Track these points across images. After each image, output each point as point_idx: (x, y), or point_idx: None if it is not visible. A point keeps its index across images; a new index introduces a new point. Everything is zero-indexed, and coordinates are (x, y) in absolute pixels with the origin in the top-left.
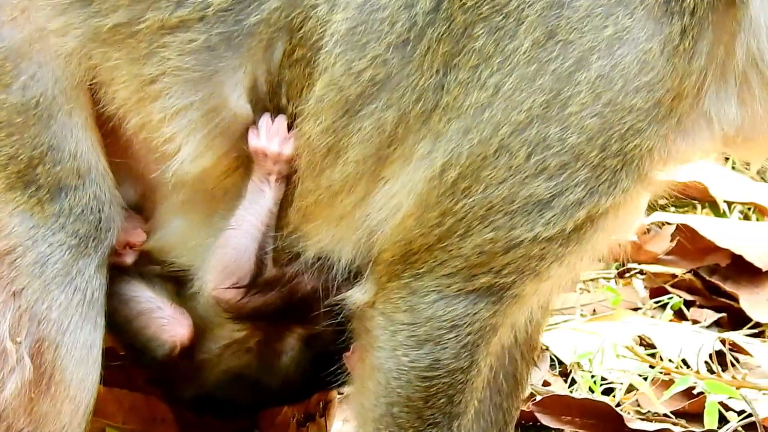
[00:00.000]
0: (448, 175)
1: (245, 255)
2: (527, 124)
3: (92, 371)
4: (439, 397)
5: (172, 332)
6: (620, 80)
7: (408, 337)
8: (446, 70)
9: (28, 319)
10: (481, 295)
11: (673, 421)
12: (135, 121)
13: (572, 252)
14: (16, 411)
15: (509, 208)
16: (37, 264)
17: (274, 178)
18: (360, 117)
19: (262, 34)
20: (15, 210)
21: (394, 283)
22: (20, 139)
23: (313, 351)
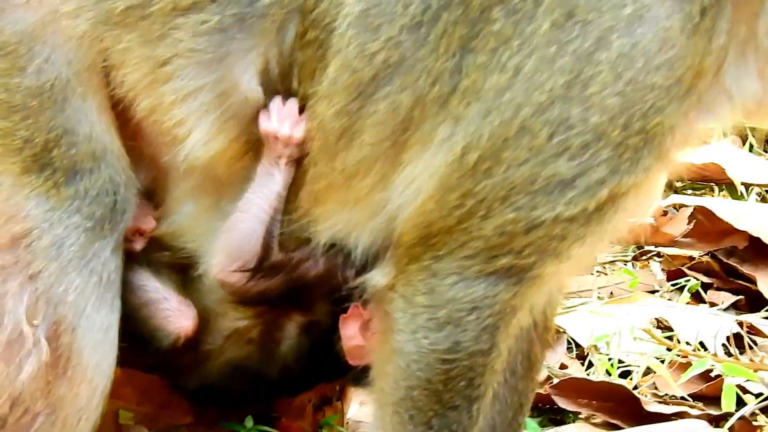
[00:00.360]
0: (469, 157)
1: (252, 238)
2: (549, 104)
3: (109, 354)
4: (458, 380)
5: (177, 324)
6: (641, 59)
7: (428, 319)
8: (463, 54)
9: (44, 302)
10: (502, 276)
11: (691, 403)
12: (146, 104)
13: (593, 232)
14: (33, 394)
15: (531, 188)
16: (53, 247)
17: (284, 161)
18: (374, 100)
19: (274, 16)
20: (31, 193)
21: (414, 266)
22: (35, 122)
23: (312, 339)
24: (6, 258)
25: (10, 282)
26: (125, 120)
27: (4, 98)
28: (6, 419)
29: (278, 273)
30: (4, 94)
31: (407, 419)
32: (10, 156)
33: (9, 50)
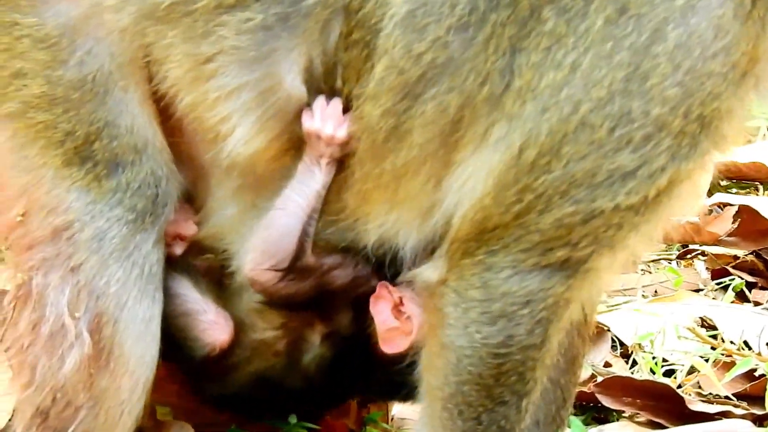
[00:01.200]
0: (527, 154)
1: (288, 237)
2: (609, 99)
3: (151, 346)
4: (510, 375)
5: (213, 336)
6: (698, 47)
7: (481, 313)
8: (513, 53)
9: (86, 295)
10: (556, 269)
11: (735, 403)
12: (188, 100)
13: (648, 220)
14: (76, 387)
15: (592, 181)
16: (94, 239)
17: (325, 161)
18: (422, 100)
19: (318, 15)
20: (72, 186)
21: (468, 260)
22: (77, 115)
23: (334, 350)
24: (47, 250)
25: (51, 274)
26: (167, 116)
27: (45, 90)
28: (48, 412)
29: (308, 277)
30: (46, 87)
31: (456, 414)
32: (51, 149)
33: (51, 42)
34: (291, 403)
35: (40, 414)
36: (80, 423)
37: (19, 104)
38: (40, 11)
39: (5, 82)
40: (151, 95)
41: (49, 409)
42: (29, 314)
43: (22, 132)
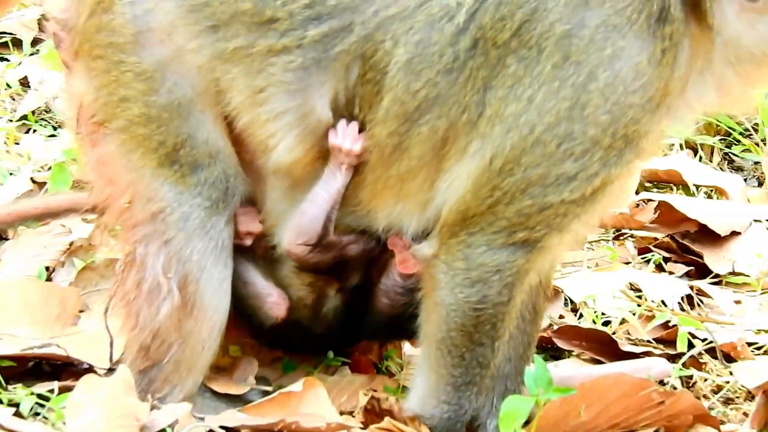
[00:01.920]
0: (496, 162)
1: (316, 221)
2: (556, 123)
3: (224, 300)
4: (485, 324)
5: (278, 312)
6: (621, 86)
7: (463, 279)
8: (485, 90)
9: (176, 261)
10: (519, 246)
11: (654, 345)
12: (245, 120)
13: (587, 211)
14: (168, 329)
15: (544, 182)
16: (181, 220)
17: (344, 167)
18: (418, 124)
19: (343, 60)
20: (165, 181)
21: (453, 240)
22: (167, 129)
23: (345, 300)
24: (147, 228)
25: (150, 246)
26: (231, 131)
27: (144, 111)
28: (149, 348)
29: (331, 250)
30: (144, 108)
31: (446, 353)
32: (148, 154)
33: (148, 75)
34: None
35: (143, 349)
36: (172, 356)
37: (125, 121)
38: (139, 52)
39: (115, 104)
40: (221, 116)
41: (149, 345)
42: (134, 275)
43: (127, 142)
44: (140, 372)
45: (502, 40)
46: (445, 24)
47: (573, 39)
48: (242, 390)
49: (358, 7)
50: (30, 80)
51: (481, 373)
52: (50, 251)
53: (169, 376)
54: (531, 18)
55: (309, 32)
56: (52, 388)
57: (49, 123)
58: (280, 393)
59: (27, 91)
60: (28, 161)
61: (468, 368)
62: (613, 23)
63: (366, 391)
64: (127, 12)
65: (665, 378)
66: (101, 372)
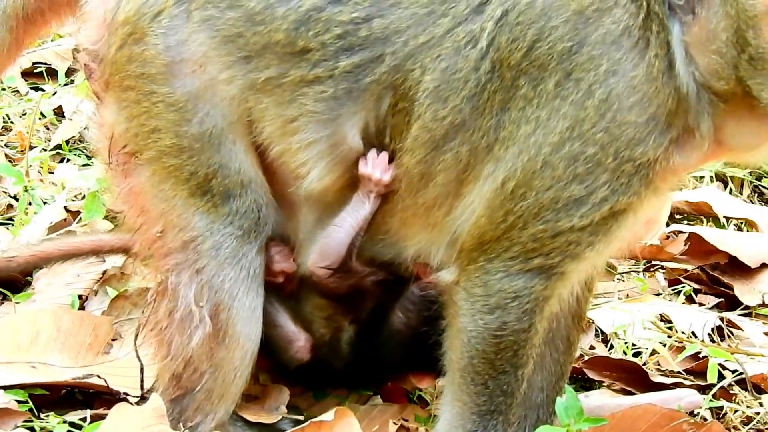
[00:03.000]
0: (508, 185)
1: (340, 246)
2: (560, 144)
3: (255, 327)
4: (507, 351)
5: (303, 356)
6: (616, 102)
7: (483, 305)
8: (501, 113)
9: (208, 289)
10: (536, 273)
11: (684, 377)
12: (277, 149)
13: (600, 240)
14: (200, 357)
15: (555, 206)
16: (213, 249)
17: (373, 195)
18: (443, 151)
19: (373, 90)
20: (196, 211)
21: (472, 266)
22: (198, 159)
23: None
24: (179, 257)
25: (182, 275)
26: (262, 160)
27: (175, 142)
28: (181, 376)
29: (351, 277)
30: (175, 139)
31: (469, 381)
32: (180, 184)
33: (180, 106)
34: (343, 379)
35: (175, 377)
36: (204, 384)
37: (156, 152)
38: (171, 83)
39: (145, 136)
40: (252, 145)
41: (181, 374)
42: (166, 304)
43: (159, 172)
44: (172, 401)
45: (515, 61)
46: (470, 50)
47: (574, 56)
48: (274, 419)
49: (388, 37)
50: (64, 110)
51: (506, 401)
52: (83, 280)
53: (201, 405)
54: (539, 37)
55: (341, 63)
56: (84, 416)
57: (83, 152)
58: (312, 422)
59: (61, 120)
60: (62, 190)
61: (492, 396)
62: (611, 38)
63: (396, 420)
64: (159, 43)
65: (696, 409)
66: (133, 400)
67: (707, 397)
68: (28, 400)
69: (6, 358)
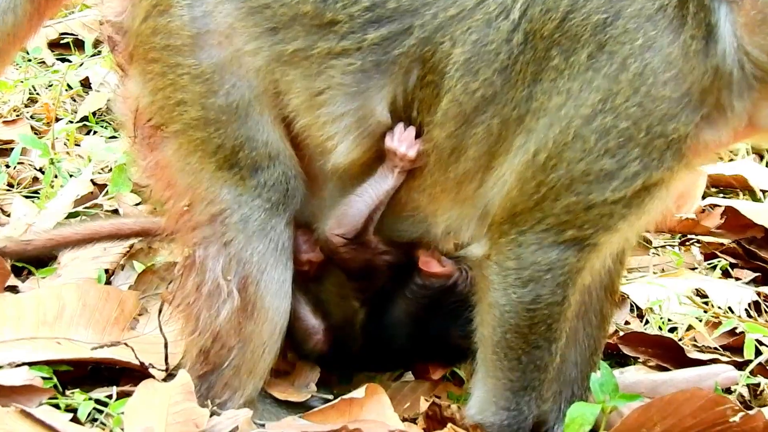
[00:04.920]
0: (540, 157)
1: (358, 216)
2: (592, 116)
3: (284, 301)
4: (540, 325)
5: (321, 347)
6: (651, 77)
7: (516, 279)
8: (533, 84)
9: (236, 262)
10: (569, 245)
11: (721, 352)
12: (304, 122)
13: (633, 213)
14: (228, 332)
15: (587, 179)
16: (241, 222)
17: (397, 170)
18: (474, 125)
19: (402, 63)
20: (224, 184)
21: (504, 239)
22: (225, 132)
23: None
24: (206, 231)
25: (210, 248)
26: (288, 133)
27: (201, 114)
28: (209, 352)
29: (365, 250)
30: (202, 111)
31: (503, 356)
32: (207, 157)
33: (206, 78)
34: (363, 363)
35: (203, 353)
36: (232, 359)
37: (182, 125)
38: (197, 54)
39: (171, 108)
40: (279, 117)
41: (209, 349)
42: (193, 278)
43: (185, 146)
44: (200, 377)
45: (548, 31)
46: (501, 22)
47: (608, 29)
48: (303, 397)
49: (417, 10)
50: (91, 81)
51: (539, 377)
52: (110, 254)
53: (229, 381)
54: (573, 8)
55: (369, 35)
56: (110, 393)
57: (110, 124)
58: (342, 399)
59: (88, 92)
60: (88, 163)
61: (525, 372)
62: (647, 13)
63: (428, 398)
64: (184, 14)
65: (732, 385)
66: (160, 377)
67: (744, 374)
68: (53, 376)
69: (31, 334)
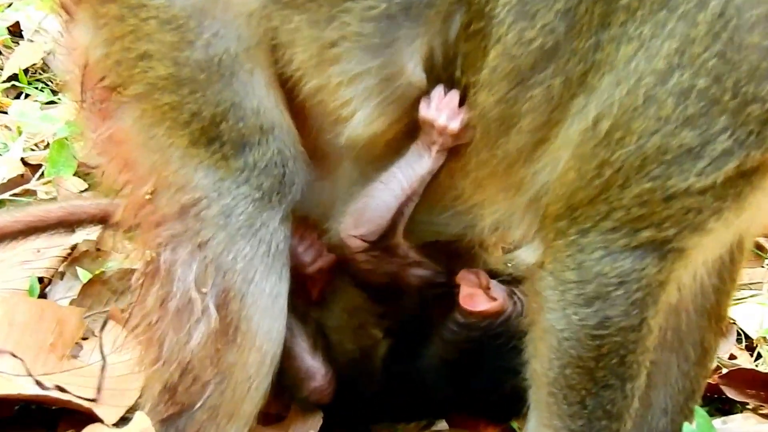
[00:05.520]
0: (602, 125)
1: (382, 211)
2: (668, 72)
3: (278, 321)
4: (610, 357)
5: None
6: (735, 16)
7: (577, 295)
8: (600, 30)
9: (213, 270)
10: (646, 250)
11: None
12: (312, 84)
13: (729, 207)
14: (203, 362)
15: (663, 158)
16: (222, 215)
17: (436, 148)
18: (530, 85)
19: (440, 6)
20: (200, 165)
21: (561, 241)
22: (203, 96)
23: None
24: (175, 227)
25: (179, 250)
26: (290, 99)
27: (172, 72)
28: (176, 388)
29: (390, 260)
30: (173, 68)
31: (561, 399)
32: (178, 129)
33: (179, 24)
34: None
35: (168, 390)
36: (207, 398)
37: (146, 86)
38: None
39: (131, 64)
40: (277, 79)
41: (176, 384)
42: (157, 290)
43: (149, 113)
44: (163, 421)
45: None
46: None
47: None
48: None
49: None
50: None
51: (610, 426)
52: (45, 257)
53: (202, 428)
54: None
55: None
56: None
57: (47, 86)
58: None
59: (18, 42)
60: (18, 136)
61: (591, 419)
62: None
63: None
64: None
65: None
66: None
67: None
68: None
69: None
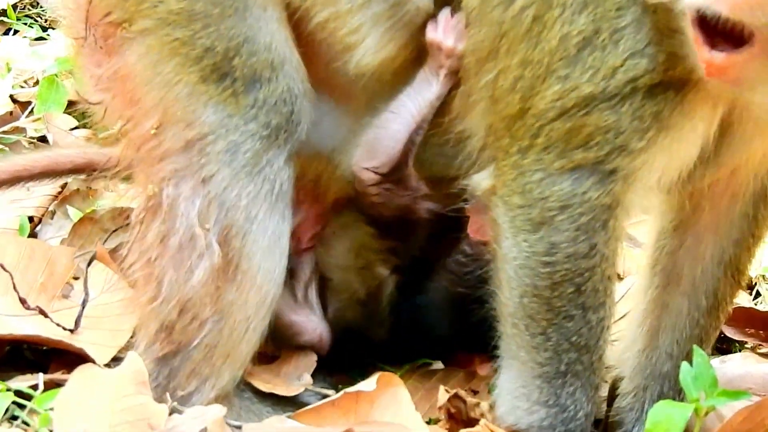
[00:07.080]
0: (527, 13)
1: (394, 140)
2: None
3: (279, 262)
4: (565, 286)
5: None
6: None
7: (524, 220)
8: None
9: (217, 206)
10: (583, 172)
11: None
12: (321, 16)
13: (651, 128)
14: (203, 300)
15: (565, 53)
16: (227, 152)
17: (443, 72)
18: None
19: None
20: (209, 101)
21: (505, 162)
22: (216, 30)
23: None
24: (179, 161)
25: (182, 185)
26: (298, 34)
27: (185, 6)
28: (173, 326)
29: (402, 193)
30: (185, 2)
31: (524, 329)
32: (188, 65)
33: None
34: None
35: (165, 328)
36: (204, 337)
37: (155, 21)
38: None
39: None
40: (286, 14)
41: (174, 323)
42: (158, 226)
43: (157, 49)
44: (158, 360)
45: None
46: None
47: None
48: (294, 391)
49: None
50: None
51: (580, 359)
52: (35, 196)
53: (197, 367)
54: None
55: None
56: (35, 383)
57: (37, 21)
58: (346, 394)
59: None
60: (7, 73)
61: (558, 352)
62: None
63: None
64: None
65: None
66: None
67: None
68: None
69: None
